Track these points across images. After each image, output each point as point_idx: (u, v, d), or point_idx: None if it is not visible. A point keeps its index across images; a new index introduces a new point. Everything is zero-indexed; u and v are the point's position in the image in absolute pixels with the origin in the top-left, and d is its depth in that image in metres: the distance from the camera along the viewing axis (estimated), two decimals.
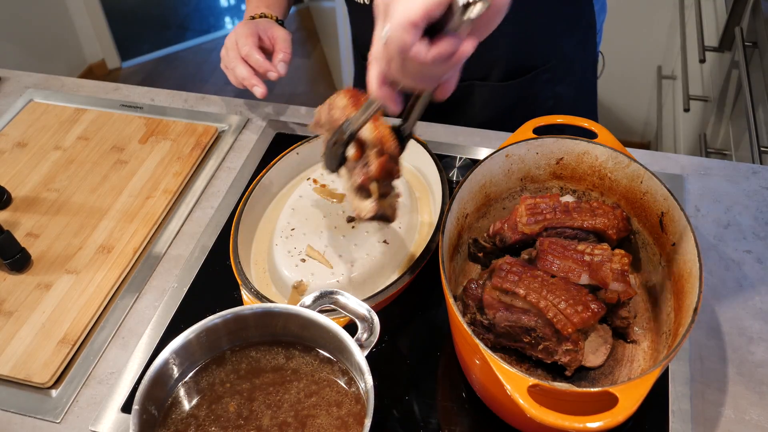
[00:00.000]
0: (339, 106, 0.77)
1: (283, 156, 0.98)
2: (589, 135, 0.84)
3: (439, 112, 1.08)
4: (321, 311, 0.69)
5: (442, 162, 1.01)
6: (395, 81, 0.57)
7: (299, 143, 0.99)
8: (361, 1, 1.01)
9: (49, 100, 1.21)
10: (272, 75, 0.96)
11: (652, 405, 0.74)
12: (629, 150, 0.84)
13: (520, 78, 1.08)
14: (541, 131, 0.85)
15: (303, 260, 0.85)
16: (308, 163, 1.01)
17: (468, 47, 0.52)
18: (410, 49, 0.51)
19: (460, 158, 1.03)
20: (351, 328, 0.68)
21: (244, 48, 0.97)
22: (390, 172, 0.73)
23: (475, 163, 0.87)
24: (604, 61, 1.42)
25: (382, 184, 0.74)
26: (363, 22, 1.07)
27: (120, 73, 3.32)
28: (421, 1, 0.49)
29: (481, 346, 0.62)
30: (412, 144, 0.99)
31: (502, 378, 0.60)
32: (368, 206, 0.74)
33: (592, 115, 1.24)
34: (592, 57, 1.16)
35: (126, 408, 0.78)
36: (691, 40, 1.88)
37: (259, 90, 0.96)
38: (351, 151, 0.74)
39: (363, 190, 0.74)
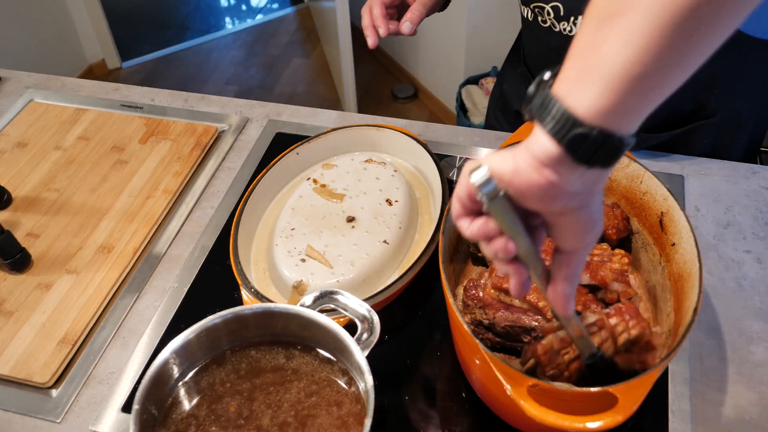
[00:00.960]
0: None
1: (283, 156, 0.98)
2: None
3: None
4: (321, 311, 0.69)
5: (442, 162, 1.01)
6: None
7: (299, 143, 0.99)
8: (528, 16, 1.01)
9: (49, 100, 1.21)
10: (381, 31, 0.99)
11: (652, 405, 0.74)
12: (629, 150, 0.84)
13: (674, 130, 1.00)
14: None
15: (303, 260, 0.85)
16: (308, 163, 1.01)
17: (503, 244, 0.50)
18: (456, 221, 0.53)
19: (460, 158, 1.03)
20: (351, 328, 0.68)
21: (373, 0, 1.01)
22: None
23: None
24: None
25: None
26: (530, 39, 1.08)
27: (120, 73, 3.32)
28: (465, 177, 0.50)
29: (481, 346, 0.62)
30: (412, 144, 0.99)
31: (502, 378, 0.60)
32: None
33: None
34: (766, 114, 1.06)
35: (126, 408, 0.78)
36: None
37: (369, 40, 1.00)
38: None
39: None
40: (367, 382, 0.62)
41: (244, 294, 0.81)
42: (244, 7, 3.78)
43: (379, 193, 0.93)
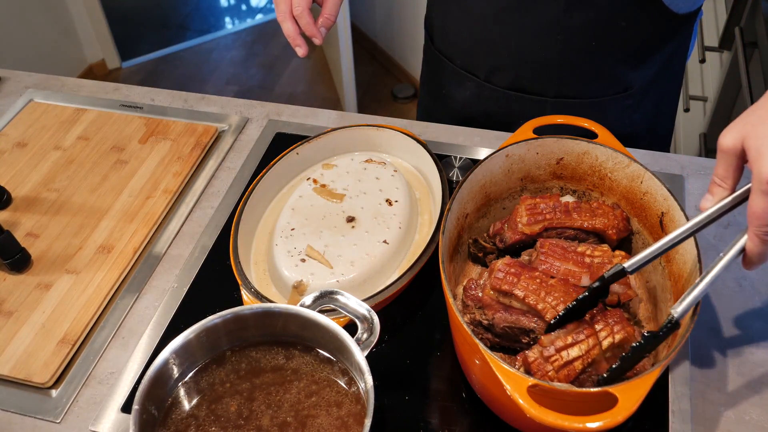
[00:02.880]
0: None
1: (283, 156, 0.98)
2: (590, 135, 0.84)
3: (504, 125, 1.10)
4: (321, 311, 0.69)
5: (442, 162, 1.01)
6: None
7: (299, 143, 0.99)
8: None
9: (49, 100, 1.21)
10: (316, 41, 0.96)
11: (652, 405, 0.74)
12: (629, 150, 0.84)
13: (595, 98, 1.05)
14: (541, 131, 0.85)
15: (303, 260, 0.85)
16: (308, 163, 1.01)
17: None
18: None
19: (460, 158, 1.03)
20: (351, 328, 0.68)
21: (298, 8, 0.94)
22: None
23: (475, 163, 0.87)
24: None
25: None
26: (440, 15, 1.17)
27: (120, 73, 3.32)
28: None
29: (481, 346, 0.62)
30: (412, 144, 0.99)
31: (502, 378, 0.60)
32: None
33: (665, 143, 1.21)
34: (674, 87, 1.13)
35: (126, 408, 0.78)
36: None
37: (300, 50, 0.96)
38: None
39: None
40: (367, 382, 0.62)
41: (244, 294, 0.81)
42: (244, 7, 3.78)
43: (379, 193, 0.93)
